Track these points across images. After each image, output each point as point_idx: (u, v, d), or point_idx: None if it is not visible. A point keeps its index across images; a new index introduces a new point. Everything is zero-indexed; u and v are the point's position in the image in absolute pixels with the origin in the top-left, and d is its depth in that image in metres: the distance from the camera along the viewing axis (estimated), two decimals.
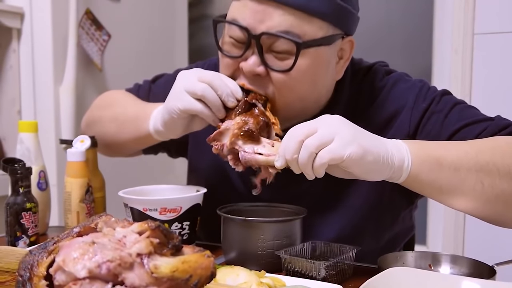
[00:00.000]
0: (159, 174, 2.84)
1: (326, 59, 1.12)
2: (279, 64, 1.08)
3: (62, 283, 0.67)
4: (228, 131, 1.05)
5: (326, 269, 0.98)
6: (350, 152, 0.91)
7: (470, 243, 2.51)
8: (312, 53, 1.08)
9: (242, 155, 1.02)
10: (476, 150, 0.99)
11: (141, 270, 0.65)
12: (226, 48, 1.13)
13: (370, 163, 0.93)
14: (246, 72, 1.09)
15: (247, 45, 1.08)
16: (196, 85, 1.07)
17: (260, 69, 1.08)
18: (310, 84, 1.12)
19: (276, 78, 1.09)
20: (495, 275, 0.94)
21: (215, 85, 1.07)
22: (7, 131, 2.43)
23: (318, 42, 1.07)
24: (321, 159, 0.92)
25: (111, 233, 0.71)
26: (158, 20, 3.08)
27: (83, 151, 1.29)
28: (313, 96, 1.15)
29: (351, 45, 1.17)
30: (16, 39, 2.39)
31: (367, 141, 0.93)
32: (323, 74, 1.13)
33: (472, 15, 2.47)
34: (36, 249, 0.73)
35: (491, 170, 0.98)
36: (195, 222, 1.19)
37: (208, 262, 0.70)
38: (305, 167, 0.94)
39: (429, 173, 0.97)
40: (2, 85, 2.43)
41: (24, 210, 1.20)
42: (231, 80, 1.10)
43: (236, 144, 1.03)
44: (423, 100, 1.18)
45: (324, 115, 0.99)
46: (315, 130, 0.93)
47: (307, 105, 1.16)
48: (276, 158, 0.98)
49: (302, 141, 0.93)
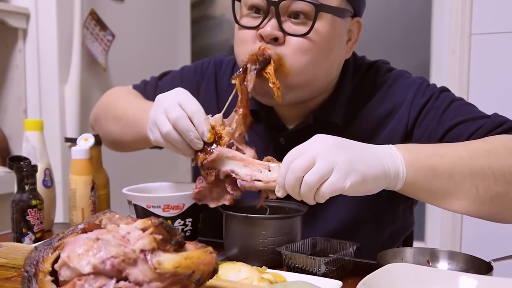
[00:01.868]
0: (162, 172, 2.84)
1: (339, 32, 1.14)
2: (297, 29, 1.10)
3: (67, 278, 0.67)
4: (222, 158, 1.05)
5: (326, 265, 0.98)
6: (350, 183, 0.90)
7: (468, 239, 2.51)
8: (329, 19, 1.10)
9: (241, 184, 1.02)
10: (471, 154, 0.98)
11: (145, 266, 0.65)
12: (244, 21, 1.15)
13: (369, 185, 0.93)
14: (265, 36, 1.10)
15: (266, 13, 1.09)
16: (162, 124, 1.06)
17: (278, 33, 1.09)
18: (325, 49, 1.13)
19: (293, 42, 1.10)
20: (492, 271, 0.94)
21: (179, 127, 1.04)
22: (13, 130, 2.43)
23: (334, 10, 1.10)
24: (323, 193, 0.92)
25: (115, 230, 0.71)
26: (161, 21, 3.08)
27: (87, 149, 1.29)
28: (326, 64, 1.15)
29: (359, 26, 1.20)
30: (22, 39, 2.39)
31: (364, 165, 0.92)
32: (337, 44, 1.15)
33: (469, 15, 2.47)
34: (42, 245, 0.73)
35: (486, 174, 0.97)
36: (198, 219, 1.19)
37: (210, 258, 0.70)
38: (307, 199, 0.95)
39: (424, 181, 0.97)
40: (8, 84, 2.43)
41: (30, 207, 1.20)
42: (201, 119, 1.05)
43: (233, 172, 1.03)
44: (422, 96, 1.19)
45: (318, 136, 0.97)
46: (313, 162, 0.92)
47: (318, 72, 1.15)
48: (277, 189, 0.98)
49: (301, 177, 0.92)
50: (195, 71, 1.45)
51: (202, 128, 1.05)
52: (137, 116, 1.27)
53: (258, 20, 1.11)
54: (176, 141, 1.06)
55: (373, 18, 3.07)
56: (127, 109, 1.35)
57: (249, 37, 1.13)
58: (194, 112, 1.05)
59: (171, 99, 1.08)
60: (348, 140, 0.97)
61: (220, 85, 1.40)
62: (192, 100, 1.08)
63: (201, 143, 1.06)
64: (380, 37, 3.09)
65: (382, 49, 3.07)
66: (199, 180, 1.09)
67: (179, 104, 1.06)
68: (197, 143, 1.05)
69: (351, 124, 1.22)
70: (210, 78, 1.41)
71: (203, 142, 1.06)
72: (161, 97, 1.11)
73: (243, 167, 1.03)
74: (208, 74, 1.42)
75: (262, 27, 1.10)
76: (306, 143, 0.96)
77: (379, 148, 0.98)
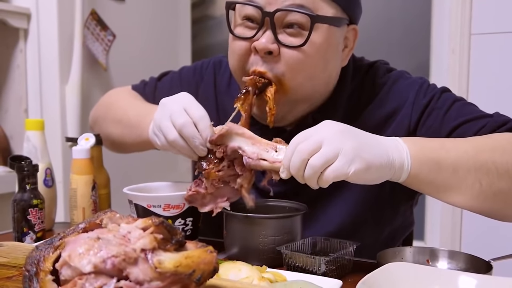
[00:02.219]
0: (162, 171, 2.84)
1: (335, 41, 1.13)
2: (292, 41, 1.08)
3: (68, 278, 0.67)
4: (231, 134, 1.04)
5: (326, 264, 0.97)
6: (354, 169, 0.91)
7: (467, 238, 2.51)
8: (324, 29, 1.09)
9: (247, 161, 1.02)
10: (476, 149, 0.99)
11: (145, 265, 0.65)
12: (238, 31, 1.13)
13: (373, 174, 0.94)
14: (259, 50, 1.08)
15: (261, 24, 1.08)
16: (169, 131, 1.07)
17: (273, 46, 1.08)
18: (321, 62, 1.12)
19: (288, 55, 1.08)
20: (491, 270, 0.94)
21: (184, 134, 1.05)
22: (14, 130, 2.43)
23: (330, 20, 1.09)
24: (327, 177, 0.92)
25: (115, 229, 0.71)
26: (162, 21, 3.08)
27: (88, 149, 1.29)
28: (324, 76, 1.15)
29: (355, 33, 1.19)
30: (23, 39, 2.39)
31: (369, 153, 0.93)
32: (334, 54, 1.14)
33: (469, 16, 2.47)
34: (43, 244, 0.73)
35: (490, 169, 0.97)
36: (198, 218, 1.18)
37: (210, 257, 0.70)
38: (310, 182, 0.95)
39: (428, 174, 0.97)
40: (9, 84, 2.43)
41: (31, 206, 1.20)
42: (206, 125, 1.05)
43: (240, 149, 1.03)
44: (423, 97, 1.18)
45: (326, 122, 0.97)
46: (319, 146, 0.92)
47: (317, 87, 1.15)
48: (282, 170, 0.98)
49: (306, 159, 0.93)
50: (194, 72, 1.44)
51: (206, 134, 1.05)
52: (138, 118, 1.27)
53: (253, 31, 1.10)
54: (182, 147, 1.06)
55: (373, 18, 3.06)
56: (128, 111, 1.35)
57: (243, 49, 1.12)
58: (199, 118, 1.06)
59: (176, 104, 1.07)
60: (355, 128, 0.97)
61: (219, 86, 1.39)
62: (197, 106, 1.08)
63: (205, 150, 1.06)
64: (380, 37, 3.09)
65: (382, 49, 3.07)
66: (194, 183, 1.08)
67: (185, 110, 1.06)
68: (202, 150, 1.06)
69: (351, 125, 1.22)
70: (209, 79, 1.41)
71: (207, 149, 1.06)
72: (166, 101, 1.10)
73: (251, 145, 1.03)
74: (207, 75, 1.41)
75: (257, 39, 1.09)
76: (314, 127, 0.96)
77: (386, 139, 0.98)
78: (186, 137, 1.05)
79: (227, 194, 1.08)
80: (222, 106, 1.35)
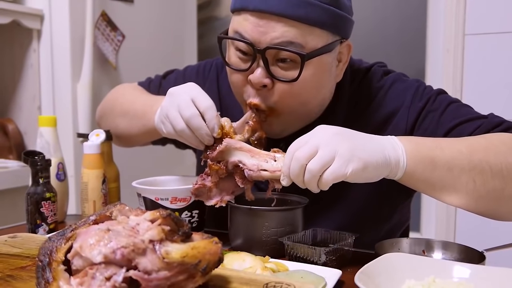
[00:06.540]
0: (170, 166, 2.83)
1: (328, 65, 1.10)
2: (285, 75, 1.06)
3: (79, 267, 0.67)
4: (229, 149, 1.04)
5: (326, 255, 0.97)
6: (352, 169, 0.90)
7: (461, 230, 2.51)
8: (315, 62, 1.06)
9: (248, 174, 1.02)
10: (470, 149, 0.98)
11: (153, 255, 0.65)
12: (233, 61, 1.12)
13: (371, 172, 0.93)
14: (254, 84, 1.07)
15: (253, 59, 1.06)
16: (176, 121, 1.06)
17: (266, 80, 1.07)
18: (314, 90, 1.10)
19: (282, 88, 1.07)
20: (484, 260, 0.93)
21: (192, 125, 1.05)
22: (28, 126, 2.44)
23: (320, 51, 1.06)
24: (326, 180, 0.91)
25: (125, 221, 0.71)
26: (169, 22, 3.07)
27: (99, 144, 1.29)
28: (317, 100, 1.14)
29: (349, 48, 1.16)
30: (36, 39, 2.39)
31: (365, 152, 0.92)
32: (327, 79, 1.12)
33: (463, 16, 2.45)
34: (55, 236, 0.73)
35: (484, 169, 0.96)
36: (204, 211, 1.18)
37: (216, 248, 0.70)
38: (311, 186, 0.94)
39: (423, 172, 0.96)
40: (23, 82, 2.43)
41: (44, 199, 1.20)
42: (213, 115, 1.05)
43: (240, 162, 1.03)
44: (419, 100, 1.17)
45: (320, 126, 0.97)
46: (316, 150, 0.91)
47: (310, 109, 1.15)
48: (282, 177, 0.98)
49: (305, 165, 0.92)
50: (197, 73, 1.43)
51: (213, 124, 1.05)
52: (144, 108, 1.27)
53: (247, 64, 1.08)
54: (189, 137, 1.06)
55: (369, 18, 3.05)
56: (134, 103, 1.34)
57: (241, 80, 1.11)
58: (206, 108, 1.05)
59: (184, 94, 1.07)
60: (350, 130, 0.96)
61: (222, 87, 1.37)
62: (204, 96, 1.07)
63: (212, 139, 1.06)
64: (376, 37, 3.07)
65: (377, 49, 3.06)
66: (200, 177, 1.08)
67: (192, 100, 1.06)
68: (208, 140, 1.06)
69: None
70: (212, 81, 1.39)
71: (214, 138, 1.06)
72: (174, 91, 1.09)
73: (250, 157, 1.03)
74: (210, 76, 1.40)
75: (252, 71, 1.07)
76: (309, 133, 0.96)
77: (381, 138, 0.97)
78: (193, 128, 1.05)
79: (232, 187, 1.08)
80: (225, 106, 1.35)
